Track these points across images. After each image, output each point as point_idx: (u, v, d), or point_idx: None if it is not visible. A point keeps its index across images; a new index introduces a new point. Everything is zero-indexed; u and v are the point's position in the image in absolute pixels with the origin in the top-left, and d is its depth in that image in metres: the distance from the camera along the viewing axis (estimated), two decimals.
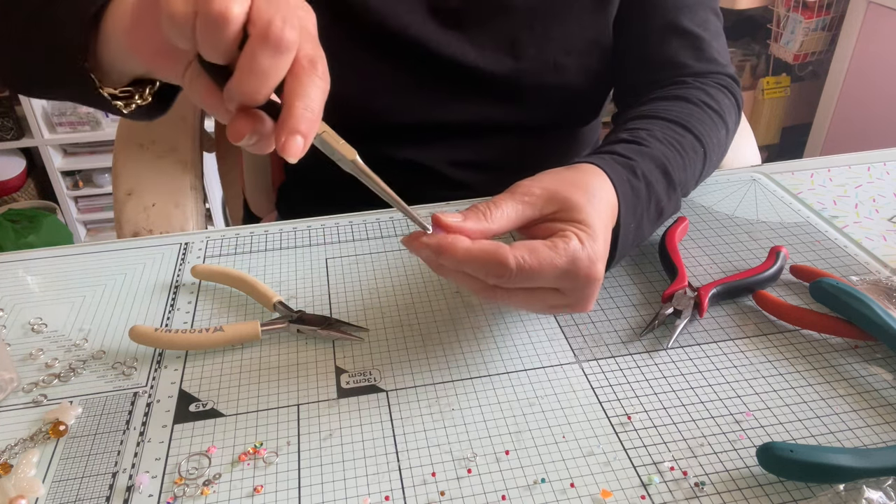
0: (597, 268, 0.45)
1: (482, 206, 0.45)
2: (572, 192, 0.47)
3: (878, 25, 1.97)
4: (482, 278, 0.43)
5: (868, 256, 0.62)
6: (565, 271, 0.43)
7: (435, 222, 0.44)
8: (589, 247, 0.44)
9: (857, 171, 0.76)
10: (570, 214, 0.46)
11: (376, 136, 0.78)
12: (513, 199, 0.46)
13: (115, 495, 0.43)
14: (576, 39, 0.73)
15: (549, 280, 0.44)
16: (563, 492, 0.42)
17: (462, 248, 0.43)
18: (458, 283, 0.46)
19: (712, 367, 0.51)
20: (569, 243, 0.44)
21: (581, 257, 0.44)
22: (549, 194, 0.47)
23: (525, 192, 0.47)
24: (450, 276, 0.45)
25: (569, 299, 0.46)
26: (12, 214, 2.14)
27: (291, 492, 0.42)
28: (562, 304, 0.46)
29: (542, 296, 0.46)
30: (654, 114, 0.63)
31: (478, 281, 0.44)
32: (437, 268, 0.45)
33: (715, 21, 0.74)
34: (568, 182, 0.48)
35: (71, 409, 0.48)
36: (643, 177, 0.54)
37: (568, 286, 0.45)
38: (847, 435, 0.45)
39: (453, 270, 0.44)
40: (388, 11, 0.70)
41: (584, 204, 0.46)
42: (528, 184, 0.48)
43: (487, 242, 0.43)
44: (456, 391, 0.49)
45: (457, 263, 0.43)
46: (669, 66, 0.71)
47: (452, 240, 0.43)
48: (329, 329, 0.53)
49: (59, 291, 0.60)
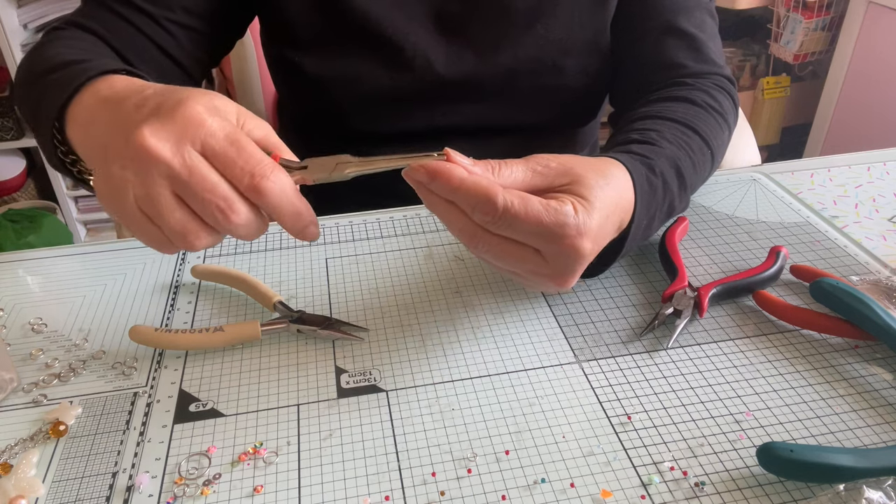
0: (583, 240, 0.43)
1: (493, 161, 0.44)
2: (587, 171, 0.46)
3: (878, 25, 1.97)
4: (468, 212, 0.42)
5: (868, 256, 0.62)
6: (550, 232, 0.42)
7: (445, 154, 0.43)
8: (581, 217, 0.43)
9: (857, 171, 0.76)
10: (576, 188, 0.45)
11: (375, 140, 0.78)
12: (526, 165, 0.45)
13: (115, 495, 0.43)
14: (575, 40, 0.73)
15: (532, 235, 0.42)
16: (563, 492, 0.42)
17: (456, 176, 0.41)
18: (443, 219, 0.44)
19: (712, 367, 0.51)
20: (561, 206, 0.42)
21: (569, 223, 0.42)
22: (565, 169, 0.45)
23: (540, 163, 0.45)
24: (438, 209, 0.43)
25: (549, 267, 0.44)
26: (12, 214, 2.14)
27: (291, 492, 0.42)
28: (542, 271, 0.45)
29: (523, 254, 0.44)
30: (661, 114, 0.62)
31: (463, 217, 0.43)
32: (428, 196, 0.43)
33: (711, 23, 0.74)
34: (587, 163, 0.47)
35: (71, 409, 0.48)
36: (661, 175, 0.54)
37: (550, 251, 0.43)
38: (847, 435, 0.45)
39: (442, 200, 0.43)
40: (387, 19, 0.70)
41: (594, 184, 0.45)
42: (546, 156, 0.46)
43: (482, 177, 0.42)
44: (456, 391, 0.49)
45: (448, 191, 0.42)
46: (667, 67, 0.71)
47: (449, 167, 0.42)
48: (329, 329, 0.53)
49: (59, 291, 0.60)
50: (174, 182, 0.39)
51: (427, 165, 0.42)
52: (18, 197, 2.30)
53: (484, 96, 0.74)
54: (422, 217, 0.69)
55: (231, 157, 0.40)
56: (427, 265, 0.62)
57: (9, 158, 2.26)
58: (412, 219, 0.69)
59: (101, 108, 0.46)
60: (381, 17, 0.70)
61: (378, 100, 0.73)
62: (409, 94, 0.73)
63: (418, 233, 0.67)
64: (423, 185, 0.43)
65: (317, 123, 0.81)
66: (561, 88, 0.75)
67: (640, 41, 0.73)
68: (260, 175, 0.40)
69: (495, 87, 0.74)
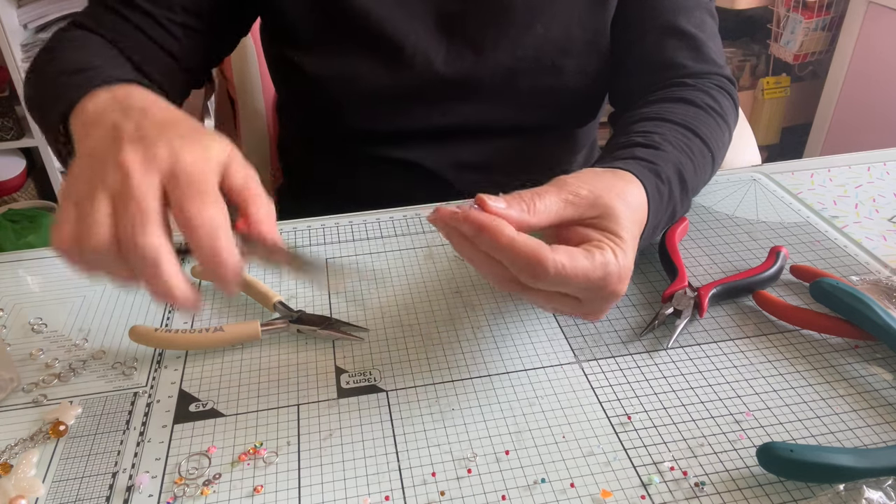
0: (623, 284, 0.44)
1: (527, 195, 0.43)
2: (615, 201, 0.46)
3: (878, 25, 1.97)
4: (514, 272, 0.42)
5: (868, 256, 0.62)
6: (595, 285, 0.42)
7: (479, 203, 0.42)
8: (621, 262, 0.43)
9: (857, 171, 0.76)
10: (607, 224, 0.45)
11: (375, 139, 0.78)
12: (558, 196, 0.44)
13: (115, 495, 0.43)
14: (574, 40, 0.73)
15: (577, 289, 0.43)
16: (563, 492, 0.42)
17: (507, 236, 0.40)
18: (479, 268, 0.43)
19: (712, 367, 0.51)
20: (605, 255, 0.43)
21: (612, 272, 0.43)
22: (594, 199, 0.45)
23: (571, 192, 0.45)
24: (475, 259, 0.43)
25: (585, 308, 0.45)
26: (12, 214, 2.14)
27: (291, 492, 0.42)
28: (576, 310, 0.46)
29: (562, 300, 0.44)
30: (662, 116, 0.62)
31: (504, 271, 0.42)
32: (464, 246, 0.43)
33: (711, 23, 0.74)
34: (612, 189, 0.46)
35: (71, 409, 0.48)
36: (667, 181, 0.54)
37: (591, 297, 0.44)
38: (847, 435, 0.45)
39: (481, 253, 0.42)
40: (388, 18, 0.70)
41: (622, 217, 0.45)
42: (574, 183, 0.46)
43: (531, 238, 0.41)
44: (456, 391, 0.49)
45: (495, 249, 0.41)
46: (667, 67, 0.70)
47: (499, 223, 0.41)
48: (329, 329, 0.53)
49: (59, 291, 0.60)
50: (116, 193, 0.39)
51: (474, 218, 0.41)
52: (18, 197, 2.30)
53: (483, 96, 0.74)
54: (421, 217, 0.69)
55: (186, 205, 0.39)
56: (427, 265, 0.62)
57: (9, 158, 2.26)
58: (412, 219, 0.69)
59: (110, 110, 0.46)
60: (382, 16, 0.70)
61: (378, 99, 0.73)
62: (409, 94, 0.73)
63: (418, 233, 0.67)
64: (463, 235, 0.42)
65: (316, 123, 0.81)
66: (560, 88, 0.75)
67: (639, 41, 0.73)
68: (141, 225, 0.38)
69: (494, 86, 0.74)
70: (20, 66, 1.99)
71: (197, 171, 0.40)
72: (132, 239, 0.38)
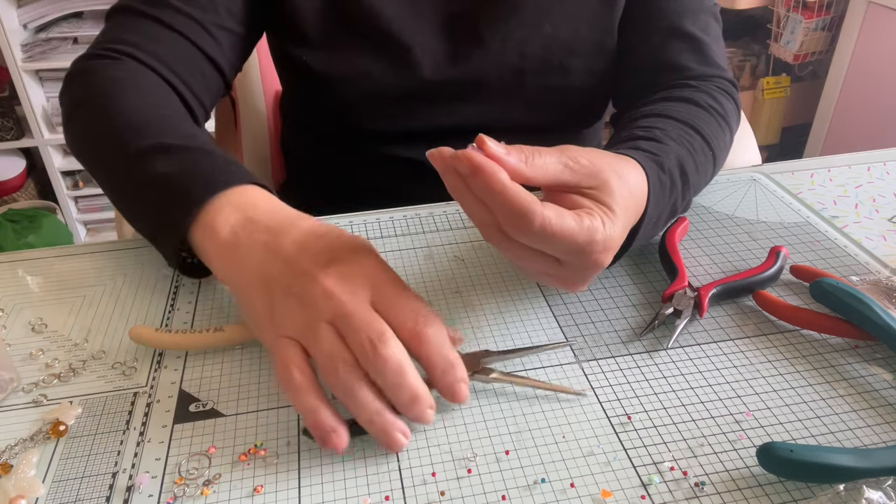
0: (607, 255, 0.44)
1: (527, 149, 0.43)
2: (613, 177, 0.46)
3: (878, 25, 1.97)
4: (500, 220, 0.42)
5: (868, 256, 0.62)
6: (579, 248, 0.43)
7: (478, 143, 0.42)
8: (608, 231, 0.44)
9: (857, 171, 0.76)
10: (601, 196, 0.45)
11: (381, 138, 0.78)
12: (558, 158, 0.44)
13: (115, 495, 0.43)
14: (582, 41, 0.73)
15: (560, 250, 0.43)
16: (563, 492, 0.42)
17: (499, 181, 0.40)
18: (468, 211, 0.43)
19: (712, 367, 0.51)
20: (593, 221, 0.43)
21: (598, 240, 0.43)
22: (595, 170, 0.45)
23: (571, 157, 0.45)
24: (465, 200, 0.43)
25: (565, 273, 0.45)
26: (12, 214, 2.14)
27: (291, 492, 0.42)
28: (557, 274, 0.46)
29: (543, 260, 0.45)
30: (664, 113, 0.62)
31: (490, 218, 0.42)
32: (458, 186, 0.43)
33: (715, 26, 0.74)
34: (613, 167, 0.47)
35: (71, 409, 0.48)
36: (669, 172, 0.54)
37: (573, 261, 0.44)
38: (847, 435, 0.45)
39: (472, 197, 0.42)
40: (397, 17, 0.70)
41: (618, 192, 0.46)
42: (577, 151, 0.46)
43: (523, 190, 0.41)
44: None
45: (486, 193, 0.41)
46: (671, 69, 0.71)
47: (494, 167, 0.41)
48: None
49: (59, 291, 0.60)
50: (336, 316, 0.42)
51: (471, 157, 0.41)
52: (18, 197, 2.30)
53: (490, 96, 0.74)
54: (422, 217, 0.69)
55: (400, 303, 0.44)
56: (427, 265, 0.62)
57: (9, 158, 2.26)
58: (412, 219, 0.69)
59: (248, 230, 0.48)
60: (391, 15, 0.70)
61: (385, 98, 0.74)
62: (416, 93, 0.73)
63: (418, 233, 0.67)
64: (458, 175, 0.42)
65: (322, 121, 0.81)
66: (567, 89, 0.75)
67: (644, 42, 0.73)
68: (423, 322, 0.43)
69: (502, 86, 0.74)
70: (20, 66, 1.99)
71: (397, 282, 0.45)
72: (373, 352, 0.41)
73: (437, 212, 0.70)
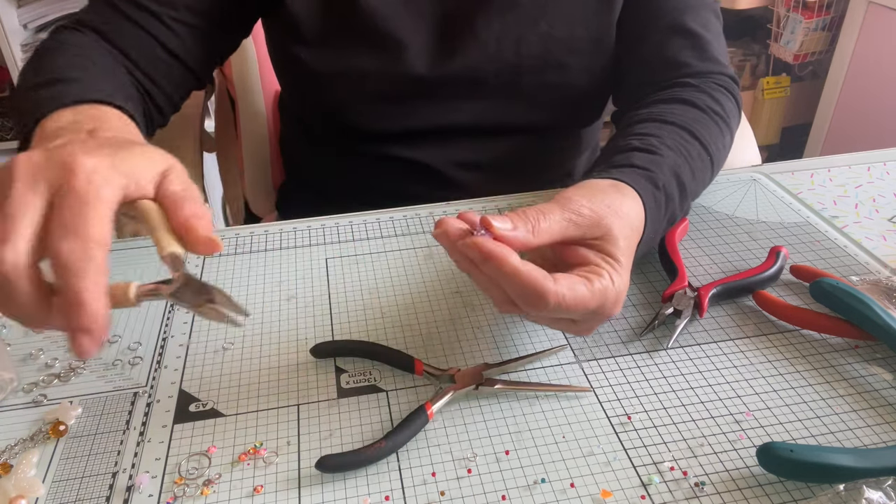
0: (618, 306, 0.45)
1: (532, 214, 0.43)
2: (615, 222, 0.46)
3: (878, 25, 1.97)
4: (515, 299, 0.42)
5: (868, 256, 0.62)
6: (592, 311, 0.44)
7: (484, 225, 0.42)
8: (617, 285, 0.44)
9: (857, 171, 0.76)
10: (606, 246, 0.46)
11: (379, 137, 0.78)
12: (562, 215, 0.45)
13: (115, 495, 0.43)
14: (580, 39, 0.73)
15: (574, 315, 0.44)
16: (563, 492, 0.42)
17: (511, 265, 0.40)
18: (481, 288, 0.44)
19: (712, 367, 0.51)
20: (603, 282, 0.43)
21: (609, 297, 0.44)
22: (597, 219, 0.46)
23: (575, 211, 0.45)
24: (476, 279, 0.44)
25: (579, 327, 0.47)
26: None
27: (291, 492, 0.42)
28: (570, 329, 0.48)
29: (558, 322, 0.46)
30: (661, 118, 0.62)
31: (504, 294, 0.43)
32: (468, 267, 0.43)
33: (715, 22, 0.74)
34: (612, 208, 0.47)
35: (71, 409, 0.48)
36: (664, 188, 0.54)
37: (586, 318, 0.45)
38: (847, 435, 0.45)
39: (484, 275, 0.42)
40: (394, 16, 0.70)
41: (621, 237, 0.46)
42: (577, 201, 0.46)
43: (535, 268, 0.41)
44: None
45: (499, 277, 0.41)
46: (671, 66, 0.70)
47: (504, 251, 0.41)
48: (205, 307, 0.42)
49: None
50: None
51: (480, 245, 0.41)
52: None
53: (488, 94, 0.74)
54: (422, 217, 0.69)
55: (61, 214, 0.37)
56: (427, 265, 0.62)
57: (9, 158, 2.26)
58: (412, 219, 0.69)
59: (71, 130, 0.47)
60: (388, 14, 0.70)
61: (382, 97, 0.74)
62: (413, 92, 0.73)
63: (418, 233, 0.67)
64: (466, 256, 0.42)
65: (320, 122, 0.81)
66: (565, 87, 0.75)
67: (645, 39, 0.73)
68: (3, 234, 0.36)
69: (499, 84, 0.74)
70: (20, 66, 1.99)
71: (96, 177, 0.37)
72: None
73: (437, 212, 0.70)
